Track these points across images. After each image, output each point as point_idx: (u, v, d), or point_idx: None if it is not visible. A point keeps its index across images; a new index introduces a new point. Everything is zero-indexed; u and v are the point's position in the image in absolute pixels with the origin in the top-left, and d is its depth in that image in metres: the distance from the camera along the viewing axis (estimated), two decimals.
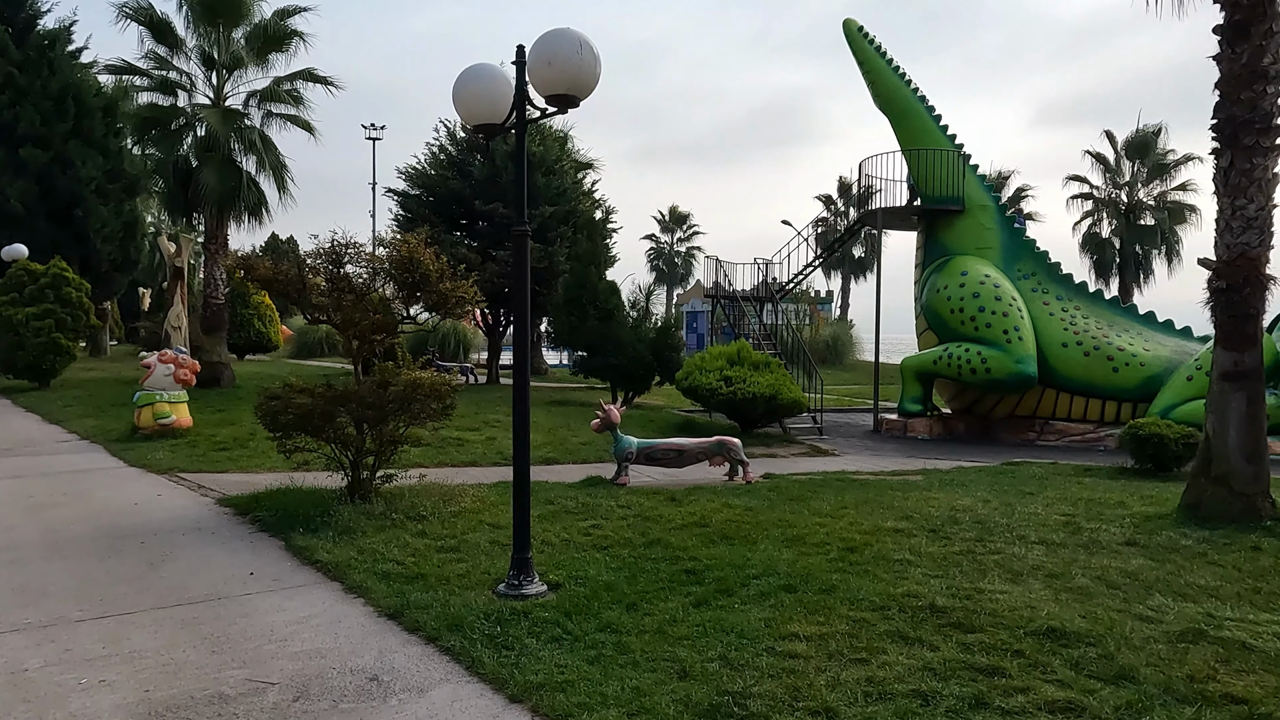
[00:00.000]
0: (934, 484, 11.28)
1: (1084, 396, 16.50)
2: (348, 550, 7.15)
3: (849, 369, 38.29)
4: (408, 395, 8.54)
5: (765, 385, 15.21)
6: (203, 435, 13.81)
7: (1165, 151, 34.84)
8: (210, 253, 21.11)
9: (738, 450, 11.35)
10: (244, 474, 11.24)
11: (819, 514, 8.90)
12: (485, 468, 12.43)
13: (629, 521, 8.36)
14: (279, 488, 9.40)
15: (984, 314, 16.53)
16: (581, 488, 10.39)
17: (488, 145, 24.43)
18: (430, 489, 9.29)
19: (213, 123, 19.92)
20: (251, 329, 33.80)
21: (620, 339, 20.64)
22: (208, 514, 8.78)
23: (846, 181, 54.93)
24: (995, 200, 18.45)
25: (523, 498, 6.24)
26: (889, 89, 18.94)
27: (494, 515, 8.52)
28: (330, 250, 8.44)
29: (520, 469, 6.27)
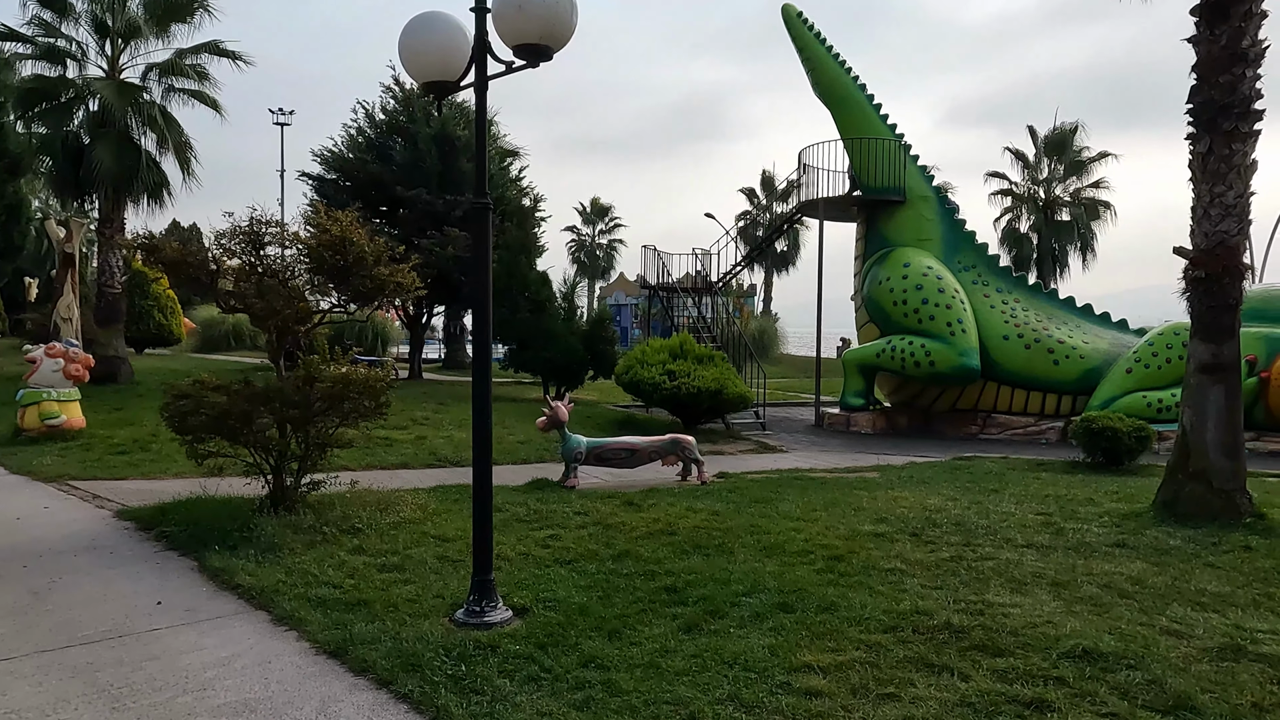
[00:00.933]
0: (894, 482, 10.84)
1: (1025, 389, 16.42)
2: (274, 572, 6.22)
3: (775, 362, 38.16)
4: (338, 393, 7.61)
5: (710, 380, 14.63)
6: (97, 437, 12.48)
7: (1081, 149, 35.70)
8: (105, 238, 19.43)
9: (692, 449, 10.72)
10: (146, 481, 10.08)
11: (789, 517, 8.32)
12: (419, 470, 11.50)
13: (589, 531, 7.61)
14: (189, 497, 8.35)
15: (927, 306, 16.28)
16: (529, 492, 9.59)
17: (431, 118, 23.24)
18: (363, 496, 8.37)
19: (108, 96, 18.28)
20: (151, 321, 31.68)
21: (553, 332, 19.79)
22: (105, 529, 7.68)
23: (769, 175, 55.01)
24: (936, 191, 18.26)
25: (484, 510, 5.44)
26: (829, 77, 18.55)
27: (438, 525, 7.67)
28: (249, 230, 7.44)
29: (481, 475, 5.47)
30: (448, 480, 10.60)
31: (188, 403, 7.41)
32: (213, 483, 8.53)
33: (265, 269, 7.53)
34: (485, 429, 5.45)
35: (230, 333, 38.51)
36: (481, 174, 5.37)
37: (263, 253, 7.40)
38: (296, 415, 7.46)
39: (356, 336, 32.66)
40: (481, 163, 5.36)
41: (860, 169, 18.05)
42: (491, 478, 5.55)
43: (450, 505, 8.63)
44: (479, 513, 5.44)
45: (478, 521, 5.43)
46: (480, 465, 5.45)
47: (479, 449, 5.46)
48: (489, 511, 5.47)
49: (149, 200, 19.40)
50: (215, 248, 7.59)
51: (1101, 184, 35.81)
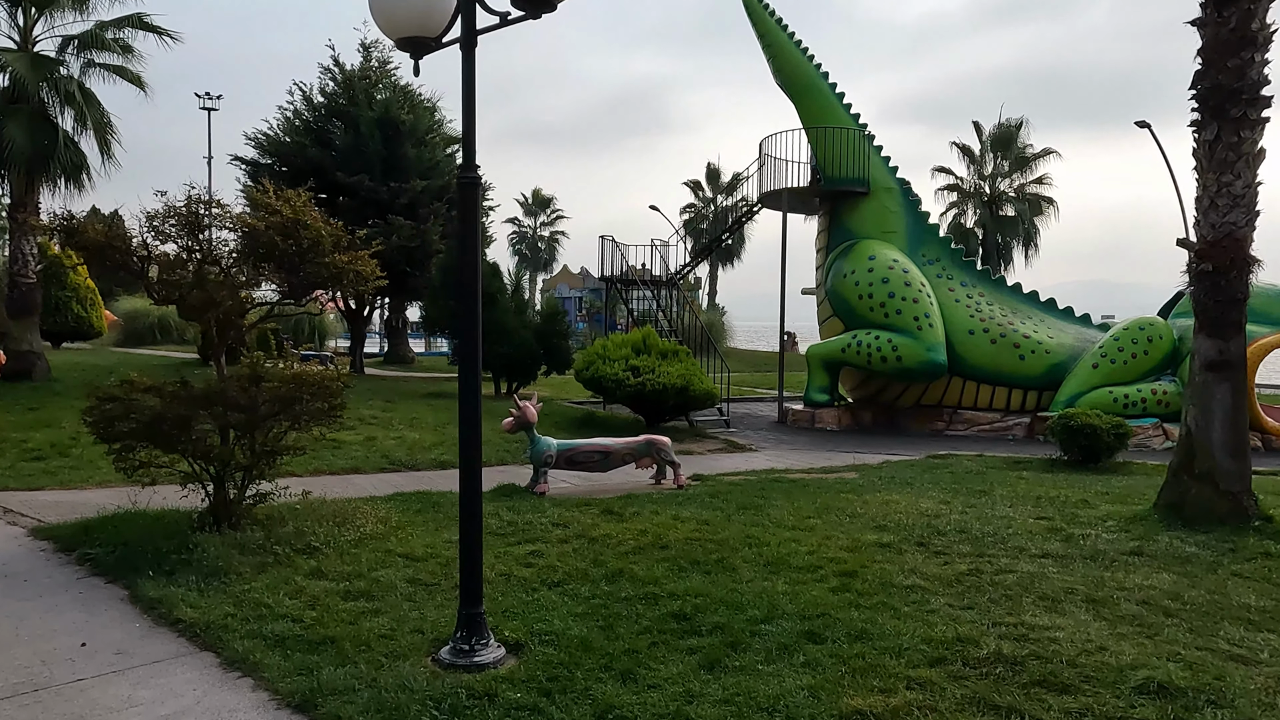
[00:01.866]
0: (877, 483, 10.37)
1: (990, 385, 16.18)
2: (220, 602, 5.41)
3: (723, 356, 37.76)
4: (289, 394, 6.78)
5: (676, 376, 14.02)
6: (10, 441, 11.33)
7: (1025, 145, 36.02)
8: (18, 223, 17.93)
9: (668, 450, 10.09)
10: (66, 492, 9.07)
11: (783, 526, 7.75)
12: (372, 475, 10.66)
13: (573, 545, 6.92)
14: (117, 511, 7.44)
15: (894, 300, 15.92)
16: (497, 499, 8.85)
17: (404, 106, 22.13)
18: (317, 509, 7.55)
19: (19, 69, 16.83)
20: (69, 313, 29.78)
21: (505, 326, 18.98)
22: (17, 552, 6.73)
23: (715, 167, 54.67)
24: (900, 183, 17.90)
25: (473, 531, 4.72)
26: (790, 64, 18.06)
27: (404, 541, 6.90)
28: (186, 211, 6.55)
29: (469, 492, 4.74)
30: (405, 486, 9.81)
31: (115, 406, 6.51)
32: (144, 494, 7.63)
33: (204, 255, 6.65)
34: (474, 438, 4.74)
35: (155, 326, 36.67)
36: (470, 144, 4.63)
37: (201, 237, 6.52)
38: (242, 420, 6.62)
39: (293, 330, 31.31)
40: (470, 131, 4.63)
41: (823, 159, 17.61)
42: (481, 493, 4.83)
43: (413, 517, 7.86)
44: (467, 533, 4.71)
45: (465, 543, 4.71)
46: (468, 480, 4.74)
47: (467, 461, 4.74)
48: (479, 532, 4.76)
49: (67, 182, 17.95)
50: (146, 231, 6.68)
51: (1045, 180, 36.22)
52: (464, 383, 4.72)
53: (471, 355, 4.72)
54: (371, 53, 23.49)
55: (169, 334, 36.76)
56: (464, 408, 4.71)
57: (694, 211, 54.84)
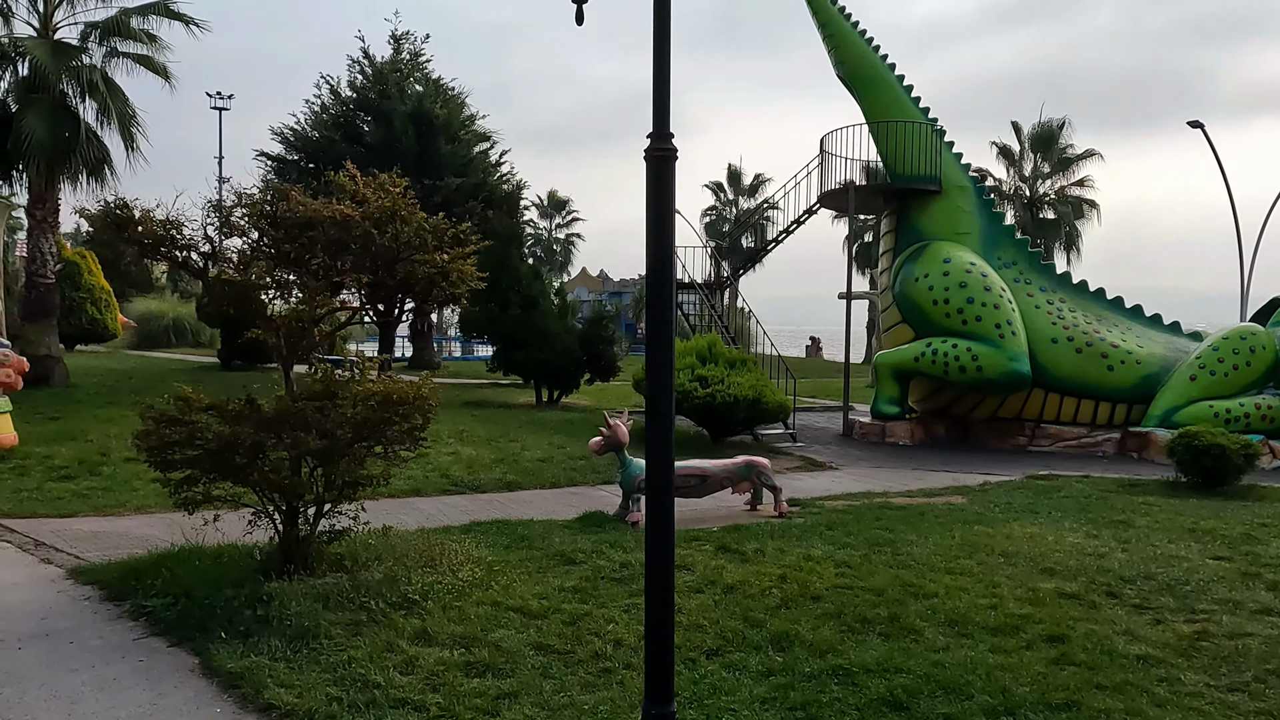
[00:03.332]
0: (995, 511, 9.32)
1: (1075, 397, 15.11)
2: (318, 679, 4.38)
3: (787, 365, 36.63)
4: (379, 417, 5.76)
5: (748, 387, 12.98)
6: (34, 457, 10.33)
7: (1066, 146, 34.94)
8: (37, 220, 16.98)
9: (768, 474, 9.06)
10: (103, 519, 8.06)
11: (933, 568, 6.71)
12: (434, 497, 9.65)
13: (710, 596, 5.89)
14: (168, 549, 6.41)
15: (973, 306, 14.86)
16: (589, 531, 7.82)
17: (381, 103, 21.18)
18: (396, 546, 6.52)
19: (40, 57, 15.87)
20: (84, 315, 28.74)
21: (547, 331, 17.98)
22: (58, 601, 5.71)
23: (736, 169, 53.58)
24: (974, 181, 16.83)
25: (664, 620, 3.67)
26: (854, 56, 17.01)
27: (510, 591, 5.86)
28: (266, 199, 5.54)
29: (660, 568, 3.69)
30: (476, 512, 8.79)
31: (177, 431, 5.48)
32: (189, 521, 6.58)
33: (280, 251, 5.62)
34: (666, 501, 3.70)
35: (170, 328, 35.69)
36: (663, 108, 3.59)
37: (278, 233, 5.50)
38: (325, 447, 5.59)
39: None
40: (663, 86, 3.59)
41: (890, 156, 16.55)
42: (673, 570, 3.78)
43: (505, 555, 6.83)
44: (656, 619, 3.66)
45: (654, 631, 3.65)
46: (659, 553, 3.68)
47: (658, 525, 3.70)
48: (670, 620, 3.70)
49: (89, 177, 16.99)
50: (214, 221, 5.67)
51: (1086, 182, 35.13)
52: (654, 426, 3.70)
53: (663, 390, 3.67)
54: (403, 45, 22.53)
55: (184, 336, 35.80)
56: (654, 471, 3.67)
57: (715, 214, 53.79)
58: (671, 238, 3.65)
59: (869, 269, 46.61)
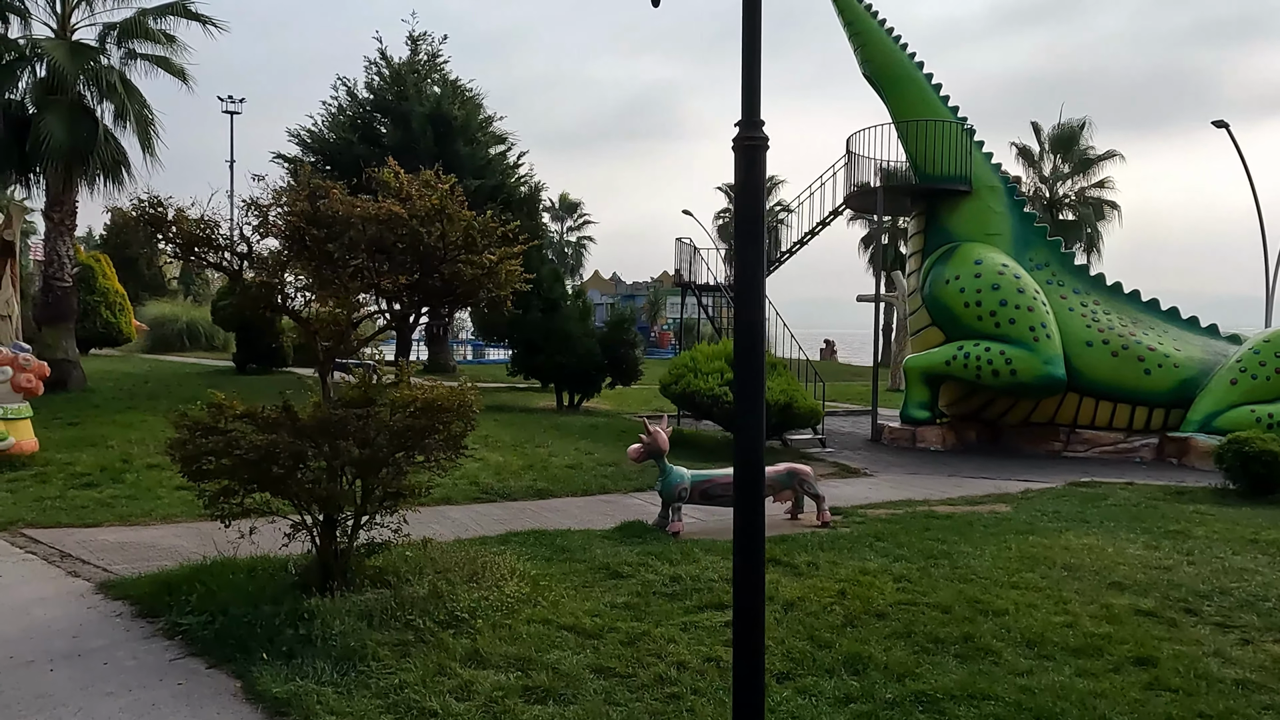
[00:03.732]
0: (1045, 520, 9.02)
1: (1111, 401, 14.77)
2: (371, 707, 4.12)
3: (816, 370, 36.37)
4: (422, 424, 5.50)
5: (778, 392, 12.70)
6: (55, 464, 10.11)
7: (1087, 147, 34.55)
8: (54, 223, 16.82)
9: (811, 482, 8.78)
10: (129, 528, 7.82)
11: (996, 582, 6.42)
12: (466, 506, 9.41)
13: (768, 612, 5.57)
14: (200, 562, 6.18)
15: (1006, 308, 14.54)
16: (630, 541, 7.55)
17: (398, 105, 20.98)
18: (437, 560, 6.26)
19: (59, 58, 15.70)
20: (98, 318, 28.65)
21: (568, 334, 17.72)
22: (89, 616, 5.47)
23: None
24: (1004, 181, 16.51)
25: (755, 650, 3.40)
26: (881, 54, 16.72)
27: (559, 607, 5.59)
28: (302, 193, 5.28)
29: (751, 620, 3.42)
30: (510, 522, 8.54)
31: (214, 440, 5.23)
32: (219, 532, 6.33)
33: (321, 250, 5.37)
34: (757, 523, 3.42)
35: (184, 332, 35.59)
36: (752, 94, 3.33)
37: (320, 231, 5.24)
38: (367, 457, 5.33)
39: None
40: (752, 76, 3.32)
41: (918, 155, 16.24)
42: (763, 622, 3.51)
43: (547, 568, 6.57)
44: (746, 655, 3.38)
45: (743, 664, 3.38)
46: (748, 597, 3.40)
47: (747, 561, 3.43)
48: (760, 660, 3.43)
49: (106, 179, 16.83)
50: (252, 219, 5.42)
51: (1107, 183, 34.72)
52: (743, 442, 3.42)
53: (753, 403, 3.40)
54: (420, 45, 22.32)
55: (197, 340, 35.70)
56: (745, 473, 3.40)
57: (729, 216, 53.47)
58: (763, 233, 3.39)
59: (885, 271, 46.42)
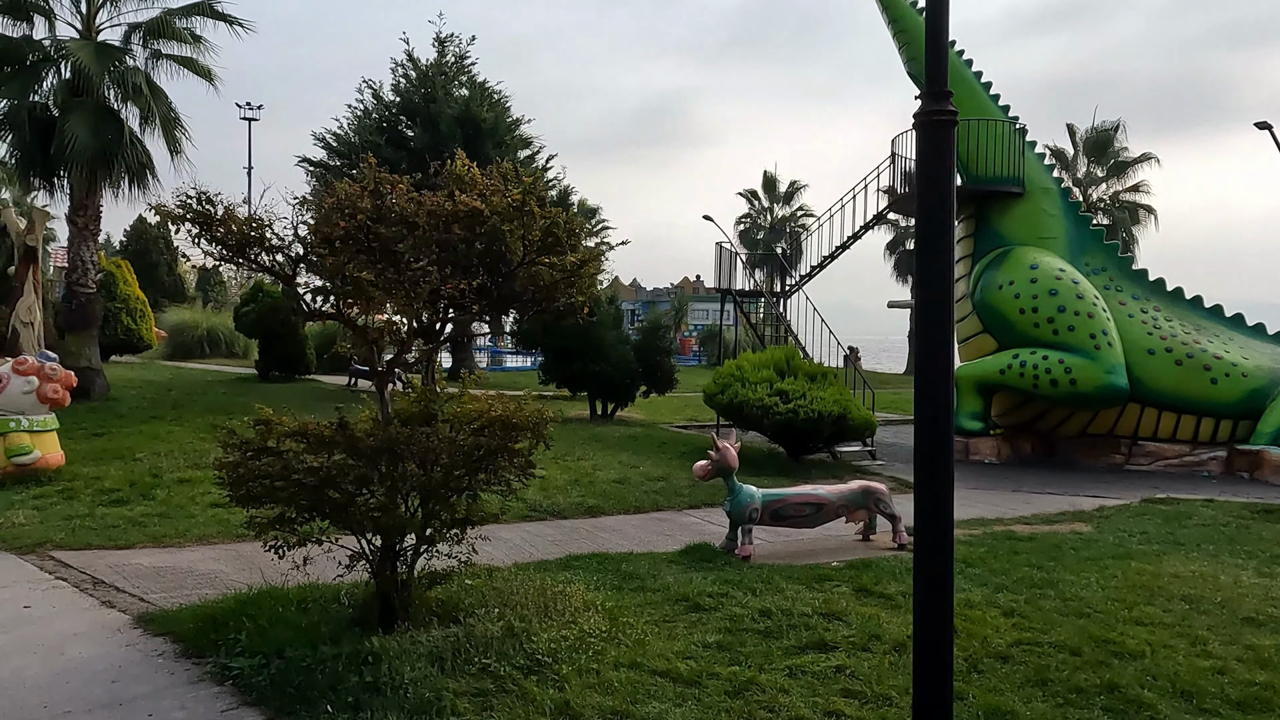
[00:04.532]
0: (1133, 540, 8.42)
1: (1175, 412, 14.12)
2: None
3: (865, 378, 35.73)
4: (495, 444, 4.97)
5: (831, 402, 12.12)
6: (81, 478, 9.65)
7: (1120, 150, 33.85)
8: (78, 228, 16.43)
9: (887, 501, 8.20)
10: (164, 550, 7.32)
11: (1116, 617, 5.85)
12: (514, 525, 8.83)
13: (879, 655, 5.04)
14: (246, 592, 5.65)
15: (1065, 315, 13.93)
16: (700, 567, 7.00)
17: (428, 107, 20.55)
18: (504, 591, 5.72)
19: (84, 59, 15.31)
20: (119, 325, 28.27)
21: (602, 342, 17.18)
22: (129, 657, 4.95)
23: (771, 175, 52.68)
24: (1058, 183, 15.90)
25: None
26: None
27: (645, 648, 5.04)
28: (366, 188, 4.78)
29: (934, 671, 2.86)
30: (565, 543, 8.00)
31: (268, 463, 4.71)
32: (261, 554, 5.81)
33: (386, 251, 4.85)
34: (945, 578, 2.87)
35: (204, 339, 35.26)
36: (938, 65, 2.78)
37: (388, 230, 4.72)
38: (437, 481, 4.80)
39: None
40: (938, 45, 2.78)
41: (967, 156, 15.64)
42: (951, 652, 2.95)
43: (618, 598, 6.03)
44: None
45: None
46: (932, 668, 2.84)
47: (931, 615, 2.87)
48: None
49: (131, 183, 16.42)
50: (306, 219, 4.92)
51: (1141, 187, 33.98)
52: (925, 451, 2.86)
53: (941, 404, 2.85)
54: (447, 47, 21.89)
55: (218, 346, 35.39)
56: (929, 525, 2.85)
57: (749, 221, 52.92)
58: (952, 220, 2.83)
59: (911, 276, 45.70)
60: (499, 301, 5.37)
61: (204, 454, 11.41)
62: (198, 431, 13.26)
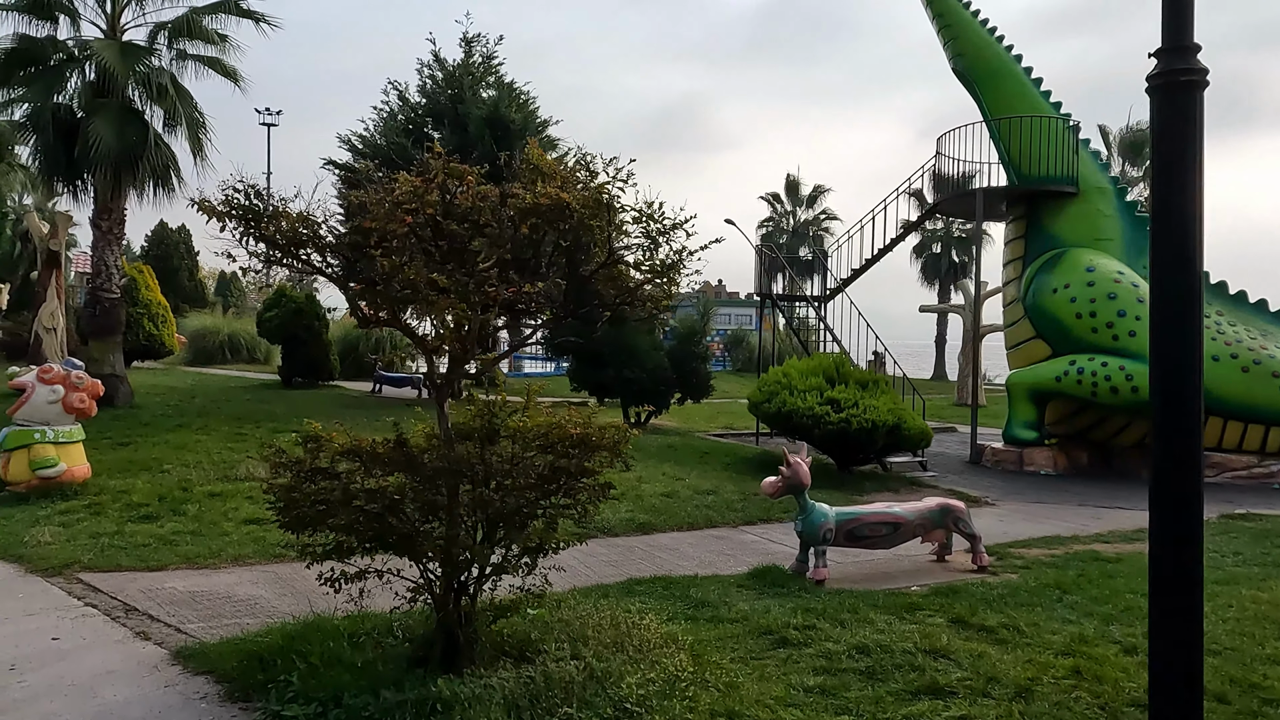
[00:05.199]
0: (1229, 561, 7.87)
1: (1241, 421, 13.48)
2: None
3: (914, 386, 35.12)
4: (575, 466, 4.47)
5: (885, 411, 11.57)
6: (108, 491, 9.21)
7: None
8: (102, 231, 16.06)
9: (967, 520, 7.65)
10: (197, 572, 6.85)
11: (1253, 657, 5.31)
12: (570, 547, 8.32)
13: (1001, 702, 4.50)
14: (290, 622, 5.17)
15: (1125, 320, 13.32)
16: (771, 593, 6.48)
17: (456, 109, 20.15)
18: (571, 624, 5.22)
19: (109, 59, 14.95)
20: (141, 330, 27.98)
21: (635, 347, 16.66)
22: (167, 699, 4.47)
23: (794, 179, 52.07)
24: (1114, 183, 15.31)
25: None
26: (974, 46, 15.61)
27: (739, 691, 4.52)
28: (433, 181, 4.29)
29: None
30: (621, 564, 7.50)
31: (326, 486, 4.22)
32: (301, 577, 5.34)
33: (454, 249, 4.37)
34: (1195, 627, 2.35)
35: (225, 344, 34.95)
36: (1182, 12, 2.26)
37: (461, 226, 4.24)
38: (510, 506, 4.30)
39: (372, 348, 29.28)
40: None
41: (1017, 154, 15.09)
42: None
43: (694, 628, 5.52)
44: None
45: None
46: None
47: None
48: None
49: (156, 186, 16.05)
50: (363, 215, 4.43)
51: None
52: (1167, 471, 2.35)
53: (1188, 408, 2.33)
54: (474, 47, 21.48)
55: (239, 352, 35.08)
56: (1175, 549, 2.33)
57: (772, 225, 52.32)
58: (1201, 203, 2.31)
59: (937, 280, 44.97)
60: (577, 305, 4.86)
61: (233, 465, 10.99)
62: (225, 441, 12.84)
